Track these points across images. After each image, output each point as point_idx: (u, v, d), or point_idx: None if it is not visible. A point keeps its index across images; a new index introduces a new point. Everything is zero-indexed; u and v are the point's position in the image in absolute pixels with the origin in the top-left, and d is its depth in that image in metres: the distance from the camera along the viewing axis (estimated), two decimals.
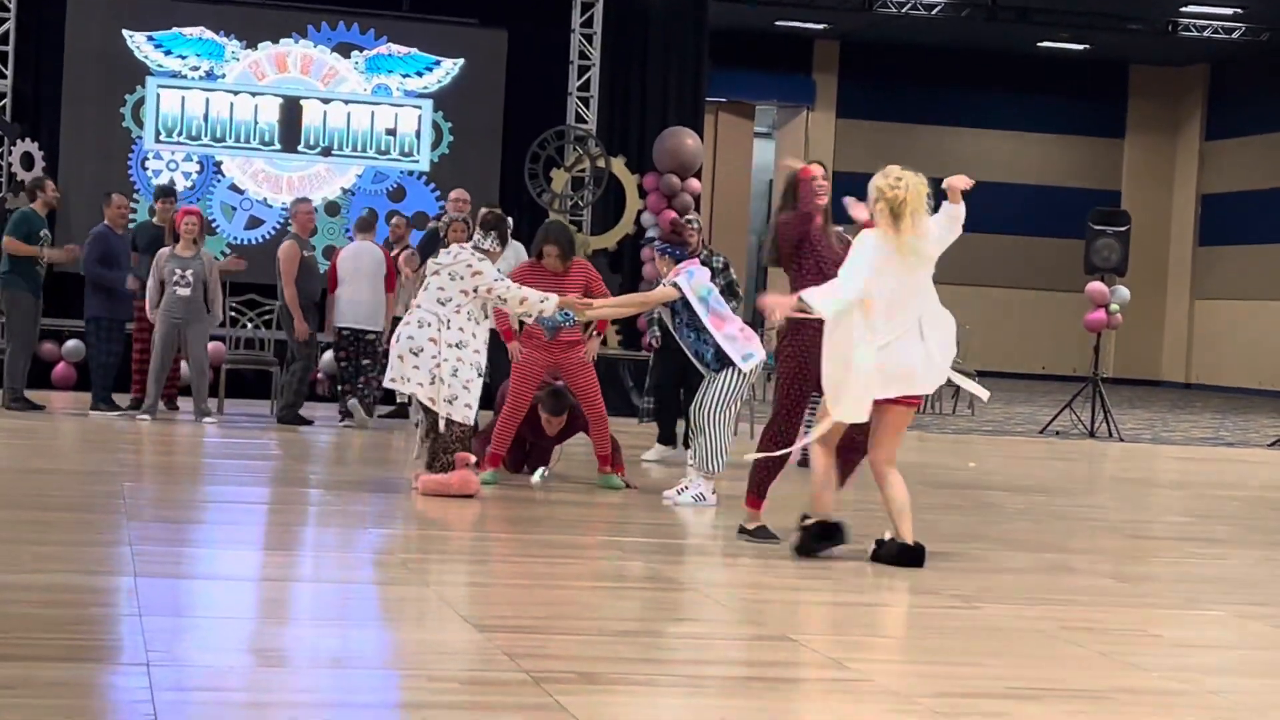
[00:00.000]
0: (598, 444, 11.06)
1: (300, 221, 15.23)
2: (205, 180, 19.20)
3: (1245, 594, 8.44)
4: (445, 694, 5.39)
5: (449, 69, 19.65)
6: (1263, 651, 7.01)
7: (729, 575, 8.44)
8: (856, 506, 9.51)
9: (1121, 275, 19.18)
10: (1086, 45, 32.35)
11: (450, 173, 19.44)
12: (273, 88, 19.32)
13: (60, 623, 6.09)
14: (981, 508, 11.42)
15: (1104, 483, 14.13)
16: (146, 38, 19.01)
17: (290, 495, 10.23)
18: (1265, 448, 18.87)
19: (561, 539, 9.03)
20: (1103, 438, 18.49)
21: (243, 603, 6.92)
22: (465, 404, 10.18)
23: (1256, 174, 32.80)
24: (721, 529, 9.71)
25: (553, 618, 6.79)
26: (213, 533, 8.80)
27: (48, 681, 5.18)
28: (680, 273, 10.56)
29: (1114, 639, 6.92)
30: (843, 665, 6.03)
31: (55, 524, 8.53)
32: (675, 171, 19.52)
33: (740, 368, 10.39)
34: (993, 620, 7.19)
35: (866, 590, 7.91)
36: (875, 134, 34.04)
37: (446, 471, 10.18)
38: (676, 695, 5.56)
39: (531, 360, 11.03)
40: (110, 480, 10.10)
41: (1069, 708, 5.63)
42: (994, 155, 34.74)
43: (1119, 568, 9.07)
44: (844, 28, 32.15)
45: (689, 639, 6.61)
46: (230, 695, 5.23)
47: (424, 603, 7.03)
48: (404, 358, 10.23)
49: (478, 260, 10.29)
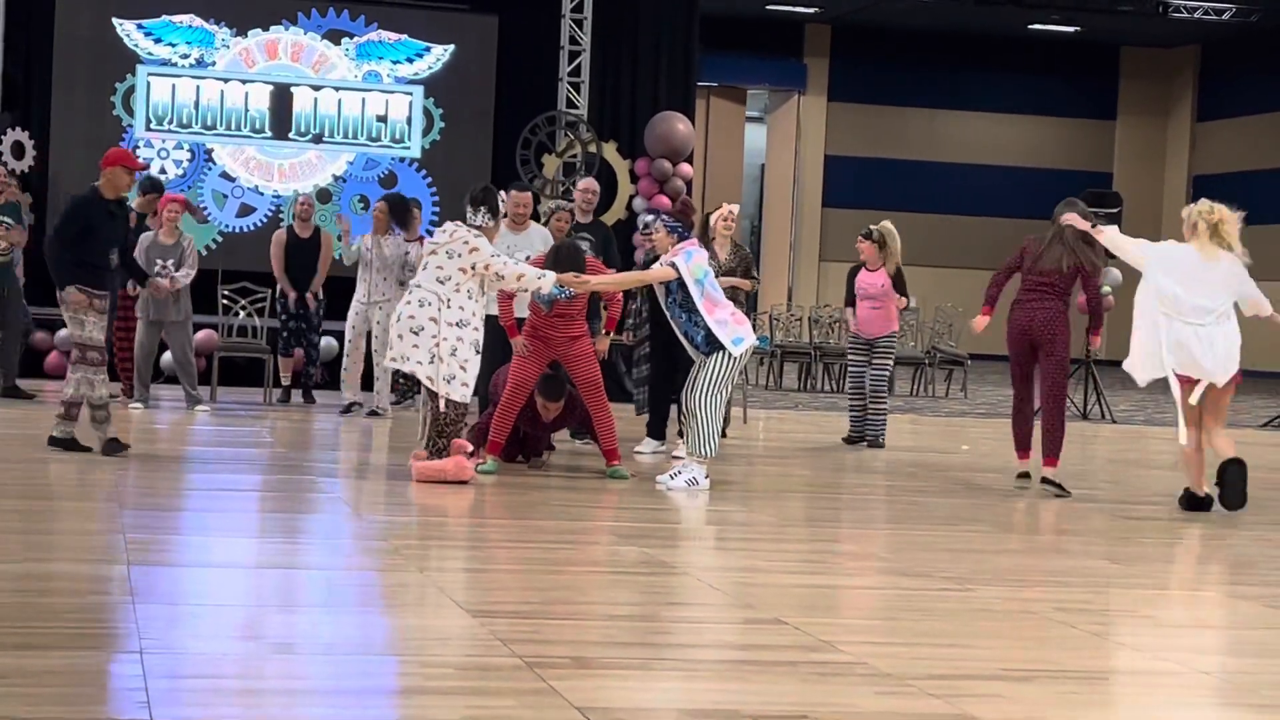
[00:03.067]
0: (603, 438, 10.91)
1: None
2: (196, 168, 19.19)
3: (1238, 574, 8.46)
4: (440, 679, 5.40)
5: (440, 55, 19.64)
6: (1255, 631, 7.03)
7: (722, 559, 8.45)
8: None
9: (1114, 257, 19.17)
10: (1077, 27, 32.35)
11: (442, 159, 19.45)
12: (263, 75, 19.30)
13: (54, 611, 6.09)
14: (974, 490, 11.43)
15: (1097, 464, 14.14)
16: (136, 25, 18.99)
17: (284, 482, 10.23)
18: (1258, 428, 18.90)
19: (555, 525, 9.03)
20: (1095, 419, 18.51)
21: (236, 590, 6.92)
22: (462, 383, 10.21)
23: (1248, 155, 32.83)
24: (715, 513, 9.72)
25: (547, 603, 6.80)
26: (206, 520, 8.80)
27: (41, 670, 5.18)
28: (679, 253, 10.54)
29: (1106, 620, 6.93)
30: (836, 648, 6.04)
31: (48, 512, 8.53)
32: (667, 156, 19.53)
33: (731, 351, 10.39)
34: (985, 602, 7.20)
35: (859, 573, 7.92)
36: (867, 117, 34.04)
37: (442, 455, 10.19)
38: (670, 679, 5.56)
39: (534, 351, 10.93)
40: (103, 468, 10.11)
41: (1062, 688, 5.64)
42: (985, 138, 34.76)
43: (1111, 549, 9.08)
44: (835, 11, 32.13)
45: (682, 623, 6.62)
46: (224, 682, 5.24)
47: (418, 589, 7.03)
48: (404, 336, 10.24)
49: (474, 237, 10.30)
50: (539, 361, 10.93)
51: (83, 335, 10.74)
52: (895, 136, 33.95)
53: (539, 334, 10.93)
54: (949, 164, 34.17)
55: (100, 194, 10.91)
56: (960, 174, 34.17)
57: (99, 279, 10.87)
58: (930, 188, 33.79)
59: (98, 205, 10.89)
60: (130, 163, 11.12)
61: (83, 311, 10.70)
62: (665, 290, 10.58)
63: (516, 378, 10.87)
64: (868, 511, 10.36)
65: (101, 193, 10.91)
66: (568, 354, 10.95)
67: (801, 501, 10.85)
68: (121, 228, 11.18)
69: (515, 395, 10.86)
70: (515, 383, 10.87)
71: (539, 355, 10.92)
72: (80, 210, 10.91)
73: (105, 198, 10.92)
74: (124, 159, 11.11)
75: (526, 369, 10.88)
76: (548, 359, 10.97)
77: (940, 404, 20.17)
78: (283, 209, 18.86)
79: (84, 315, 10.70)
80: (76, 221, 10.84)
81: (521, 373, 10.87)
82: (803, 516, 10.23)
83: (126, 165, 11.03)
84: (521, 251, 11.61)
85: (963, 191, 34.15)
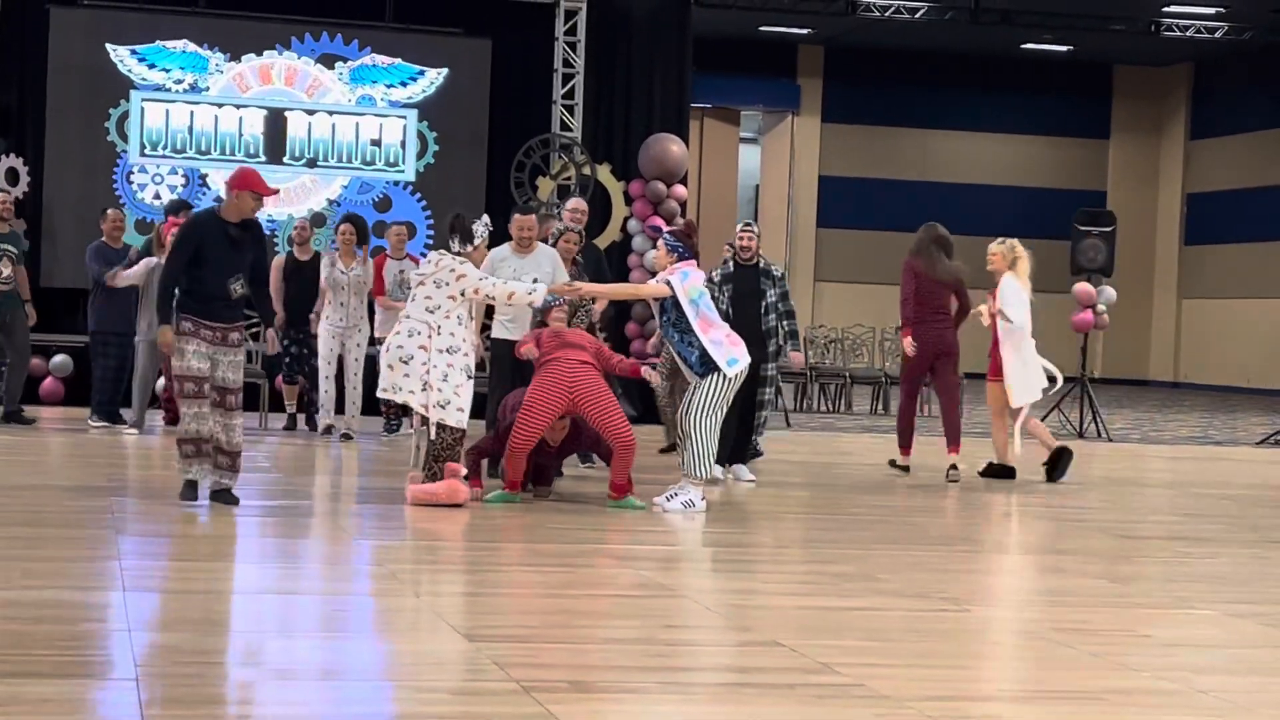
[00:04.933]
0: (617, 471, 10.42)
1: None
2: (191, 193, 19.17)
3: (1235, 593, 8.45)
4: (436, 704, 5.39)
5: (433, 79, 19.65)
6: (1253, 650, 7.02)
7: (719, 582, 8.44)
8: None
9: (1108, 275, 19.21)
10: (1070, 46, 32.41)
11: (436, 182, 19.45)
12: (257, 100, 19.30)
13: (49, 638, 6.08)
14: (971, 510, 11.42)
15: (1093, 483, 14.14)
16: (130, 51, 18.99)
17: (280, 508, 10.21)
18: (1253, 446, 18.90)
19: (551, 548, 9.02)
20: (1091, 438, 18.51)
21: (232, 616, 6.91)
22: (457, 408, 10.22)
23: (1241, 173, 32.87)
24: (711, 535, 9.71)
25: (543, 627, 6.79)
26: (202, 546, 8.78)
27: (37, 698, 5.17)
28: (675, 271, 10.53)
29: (1104, 639, 6.92)
30: (833, 670, 6.03)
31: (44, 539, 8.51)
32: (661, 178, 19.51)
33: (725, 372, 10.38)
34: (983, 623, 7.19)
35: (856, 594, 7.91)
36: (860, 138, 34.09)
37: (436, 480, 10.19)
38: (668, 703, 5.55)
39: (547, 391, 10.35)
40: (99, 495, 10.09)
41: (1060, 709, 5.63)
42: (979, 157, 34.81)
43: (1109, 568, 9.07)
44: (828, 32, 32.18)
45: (680, 646, 6.61)
46: (220, 709, 5.22)
47: (414, 613, 7.02)
48: (394, 367, 10.25)
49: (459, 264, 10.32)
50: (554, 406, 10.36)
51: (181, 365, 9.69)
52: (889, 157, 34.00)
53: (550, 373, 10.42)
54: (943, 184, 34.22)
55: (218, 215, 9.84)
56: (954, 194, 34.21)
57: (208, 309, 9.72)
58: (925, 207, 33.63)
59: (213, 227, 9.76)
60: (260, 187, 9.79)
61: (184, 340, 9.65)
62: (660, 309, 10.57)
63: (531, 418, 10.32)
64: (864, 532, 10.34)
65: (221, 214, 9.83)
66: (577, 387, 10.35)
67: (798, 523, 10.85)
68: (247, 254, 9.87)
69: (528, 437, 10.33)
70: (529, 422, 10.32)
71: (552, 397, 10.33)
72: (192, 233, 9.84)
73: (226, 220, 9.79)
74: (254, 183, 9.79)
75: (542, 412, 10.32)
76: (562, 403, 10.36)
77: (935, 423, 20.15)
78: (277, 233, 18.87)
79: (184, 344, 9.64)
80: (188, 245, 9.74)
81: (536, 415, 10.31)
82: (800, 538, 10.22)
83: (255, 190, 9.76)
84: (529, 274, 11.47)
85: (957, 211, 34.07)
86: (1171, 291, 34.47)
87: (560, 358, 10.45)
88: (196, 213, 10.09)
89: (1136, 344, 34.36)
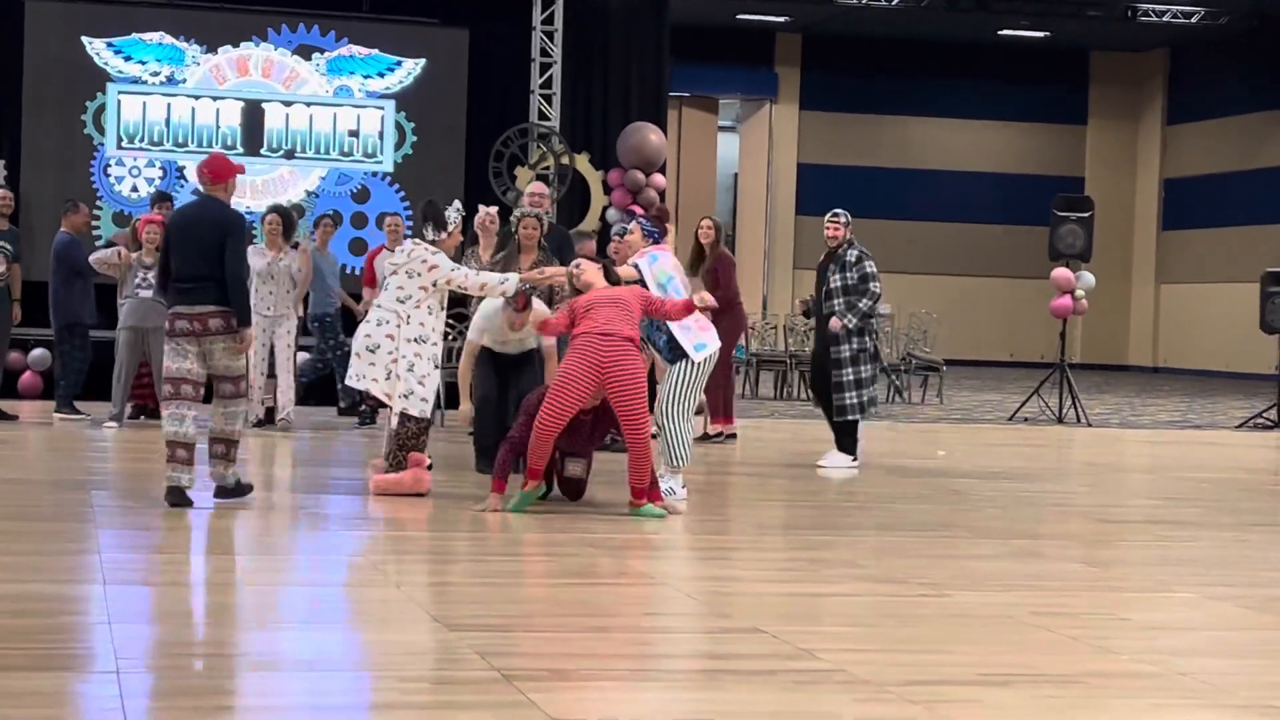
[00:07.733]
0: (634, 474, 9.72)
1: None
2: (169, 186, 19.12)
3: (1214, 576, 8.48)
4: (417, 694, 5.39)
5: (410, 69, 19.62)
6: (1232, 633, 7.05)
7: (699, 569, 8.45)
8: None
9: (1086, 261, 19.25)
10: (1047, 32, 32.46)
11: (414, 173, 19.42)
12: (234, 91, 19.26)
13: (30, 632, 6.07)
14: (951, 496, 11.45)
15: (1073, 468, 14.18)
16: (106, 44, 18.94)
17: (259, 500, 10.20)
18: (1233, 430, 18.96)
19: (529, 537, 9.02)
20: (1071, 423, 18.56)
21: (212, 608, 6.90)
22: (421, 398, 10.22)
23: (1218, 157, 32.95)
24: (691, 522, 9.71)
25: (523, 615, 6.80)
26: (182, 539, 8.78)
27: (18, 691, 5.16)
28: (644, 255, 10.49)
29: (1084, 623, 6.95)
30: (814, 655, 6.04)
31: (24, 533, 8.50)
32: (639, 167, 19.52)
33: (692, 358, 10.34)
34: (963, 607, 7.21)
35: (835, 580, 7.93)
36: (839, 125, 34.13)
37: (399, 470, 10.20)
38: (648, 690, 5.56)
39: (577, 375, 9.59)
40: (79, 488, 10.07)
41: (1039, 692, 5.65)
42: (957, 144, 34.86)
43: (1088, 552, 9.10)
44: (805, 20, 32.21)
45: (660, 633, 6.62)
46: (201, 701, 5.22)
47: (394, 604, 7.02)
48: (361, 355, 10.31)
49: (431, 254, 10.32)
50: (583, 391, 9.60)
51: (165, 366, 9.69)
52: (867, 144, 34.03)
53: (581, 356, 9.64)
54: (921, 170, 34.27)
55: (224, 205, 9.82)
56: (932, 180, 34.26)
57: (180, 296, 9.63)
58: (903, 195, 33.88)
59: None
60: (239, 169, 9.94)
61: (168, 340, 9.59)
62: None
63: (558, 404, 9.58)
64: (844, 518, 10.36)
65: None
66: (610, 376, 9.58)
67: (778, 510, 10.86)
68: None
69: (554, 421, 9.59)
70: (556, 409, 9.58)
71: (581, 382, 9.59)
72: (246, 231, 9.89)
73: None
74: (235, 167, 9.87)
75: (569, 398, 9.59)
76: (592, 387, 9.61)
77: (916, 410, 20.20)
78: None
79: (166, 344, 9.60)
80: (244, 246, 9.75)
81: (563, 400, 9.58)
82: (780, 524, 10.23)
83: (239, 171, 9.91)
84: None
85: (935, 198, 34.25)
86: (1150, 276, 34.55)
87: (596, 334, 9.65)
88: (234, 211, 9.81)
89: (1115, 329, 34.44)
